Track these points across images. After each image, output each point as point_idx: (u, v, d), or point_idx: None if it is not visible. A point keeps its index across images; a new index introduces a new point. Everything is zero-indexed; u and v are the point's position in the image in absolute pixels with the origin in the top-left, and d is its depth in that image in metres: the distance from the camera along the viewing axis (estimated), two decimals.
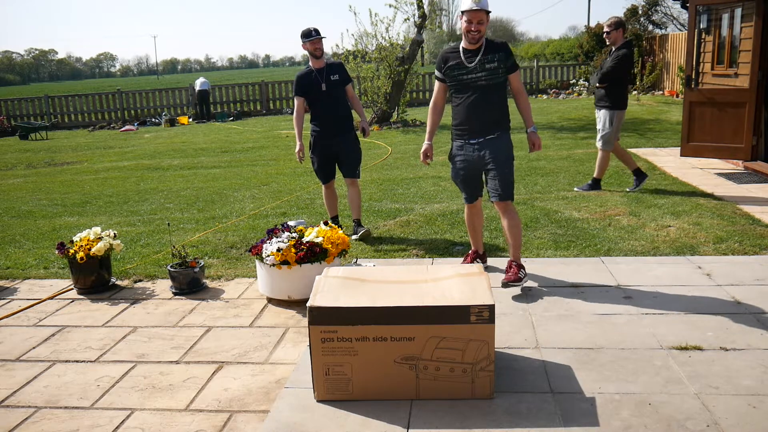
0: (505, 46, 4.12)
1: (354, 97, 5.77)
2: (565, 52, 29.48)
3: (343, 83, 5.56)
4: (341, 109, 5.54)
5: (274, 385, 3.20)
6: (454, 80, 4.14)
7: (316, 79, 5.45)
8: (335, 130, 5.50)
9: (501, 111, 4.15)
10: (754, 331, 3.45)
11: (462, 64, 4.08)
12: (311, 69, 5.49)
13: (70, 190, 9.19)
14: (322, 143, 5.53)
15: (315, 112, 5.55)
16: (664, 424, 2.66)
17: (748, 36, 7.65)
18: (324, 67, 5.49)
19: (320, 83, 5.43)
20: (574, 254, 4.90)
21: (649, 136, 10.75)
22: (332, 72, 5.49)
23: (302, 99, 5.53)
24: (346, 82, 5.60)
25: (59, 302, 4.52)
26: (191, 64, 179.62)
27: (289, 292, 4.21)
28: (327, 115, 5.48)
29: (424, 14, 14.54)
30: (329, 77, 5.45)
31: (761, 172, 7.37)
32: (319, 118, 5.51)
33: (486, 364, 2.86)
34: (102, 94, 22.63)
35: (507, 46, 4.14)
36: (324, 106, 5.48)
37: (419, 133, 13.14)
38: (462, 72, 4.09)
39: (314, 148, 5.59)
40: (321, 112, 5.50)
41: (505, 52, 4.06)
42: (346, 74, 5.62)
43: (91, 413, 3.02)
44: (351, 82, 5.68)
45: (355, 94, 5.84)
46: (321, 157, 5.58)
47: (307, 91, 5.50)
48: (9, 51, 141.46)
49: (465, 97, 4.13)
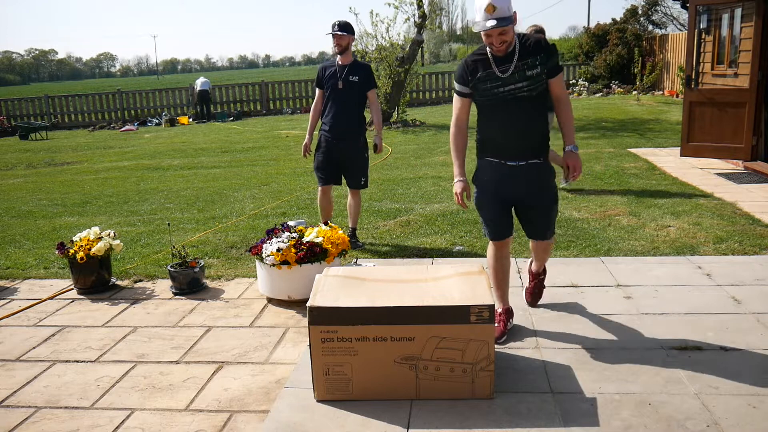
0: (544, 44, 3.22)
1: (375, 106, 5.45)
2: (565, 52, 29.40)
3: (365, 87, 5.23)
4: (353, 113, 5.24)
5: (274, 385, 3.20)
6: (486, 95, 3.26)
7: (334, 74, 5.20)
8: (342, 134, 5.22)
9: (545, 128, 3.39)
10: (754, 331, 3.45)
11: (494, 75, 3.21)
12: (334, 63, 5.27)
13: (70, 190, 9.19)
14: (327, 144, 5.29)
15: (327, 109, 5.30)
16: (664, 424, 2.66)
17: (748, 36, 7.65)
18: (348, 64, 5.21)
19: (338, 80, 5.17)
20: (574, 254, 4.90)
21: (649, 136, 10.75)
22: (354, 72, 5.19)
23: (320, 92, 5.31)
24: (369, 87, 5.26)
25: (59, 302, 4.52)
26: (191, 64, 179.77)
27: (289, 292, 4.21)
28: (337, 115, 5.21)
29: (424, 14, 14.54)
30: (349, 76, 5.16)
31: (761, 172, 7.37)
32: (329, 116, 5.26)
33: (486, 364, 2.86)
34: (102, 94, 22.63)
35: (546, 42, 3.24)
36: (336, 105, 5.22)
37: (419, 133, 13.13)
38: (496, 84, 3.21)
39: (318, 146, 5.37)
40: (332, 110, 5.24)
41: (546, 53, 3.20)
42: (371, 78, 5.28)
43: (91, 413, 3.02)
44: (375, 88, 5.32)
45: (378, 104, 5.51)
46: (323, 157, 5.33)
47: (324, 85, 5.27)
48: (9, 51, 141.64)
49: (500, 112, 3.28)
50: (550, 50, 3.22)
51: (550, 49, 3.22)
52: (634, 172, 7.79)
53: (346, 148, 5.25)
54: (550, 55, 3.21)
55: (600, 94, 19.40)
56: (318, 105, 5.35)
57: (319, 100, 5.34)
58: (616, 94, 18.99)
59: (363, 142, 5.33)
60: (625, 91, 19.07)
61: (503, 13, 3.00)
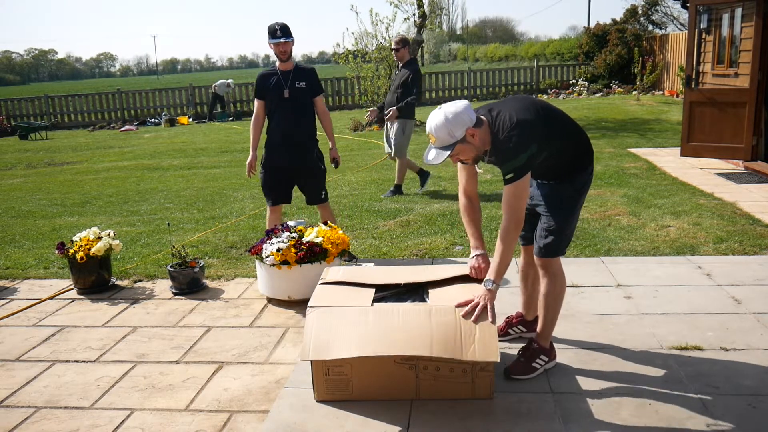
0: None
1: (325, 114, 4.91)
2: (565, 52, 29.42)
3: (312, 93, 4.77)
4: (304, 123, 4.76)
5: (274, 385, 3.20)
6: None
7: (278, 82, 4.69)
8: (293, 147, 4.73)
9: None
10: (754, 331, 3.45)
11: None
12: (275, 70, 4.74)
13: (70, 190, 9.19)
14: (275, 159, 4.77)
15: (273, 121, 4.77)
16: (664, 424, 2.66)
17: (748, 36, 7.65)
18: (291, 70, 4.72)
19: (283, 88, 4.67)
20: (574, 254, 4.90)
21: (650, 136, 10.75)
22: (300, 78, 4.71)
23: (262, 103, 4.80)
24: (316, 92, 4.80)
25: (59, 302, 4.52)
26: (191, 64, 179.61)
27: (289, 292, 4.21)
28: (285, 126, 4.71)
29: (424, 14, 14.54)
30: (294, 83, 4.69)
31: (761, 172, 7.36)
32: (276, 128, 4.75)
33: (486, 364, 2.85)
34: (102, 94, 22.62)
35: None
36: (284, 115, 4.71)
37: (419, 132, 13.12)
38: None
39: (265, 162, 4.82)
40: (279, 122, 4.72)
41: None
42: (318, 83, 4.83)
43: (91, 413, 3.02)
44: (322, 94, 4.87)
45: (327, 110, 4.96)
46: (271, 174, 4.81)
47: (267, 95, 4.76)
48: (9, 51, 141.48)
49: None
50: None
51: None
52: (634, 172, 7.79)
53: (299, 161, 4.78)
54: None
55: (600, 94, 19.39)
56: (260, 118, 4.86)
57: (261, 112, 4.84)
58: (616, 94, 18.99)
59: (318, 152, 4.88)
60: (625, 91, 19.07)
61: (443, 142, 2.80)
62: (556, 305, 3.13)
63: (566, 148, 2.99)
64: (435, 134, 2.79)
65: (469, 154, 2.88)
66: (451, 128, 2.76)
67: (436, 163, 2.81)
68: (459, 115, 2.76)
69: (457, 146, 2.80)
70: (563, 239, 3.06)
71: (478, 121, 2.83)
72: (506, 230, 2.84)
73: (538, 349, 3.13)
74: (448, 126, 2.76)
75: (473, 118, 2.80)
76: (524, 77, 21.82)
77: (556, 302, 3.13)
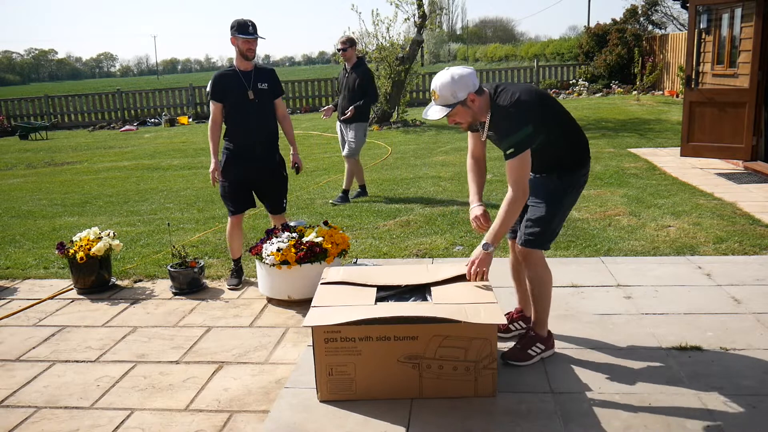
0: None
1: (285, 117, 4.68)
2: (565, 52, 29.42)
3: (274, 95, 4.55)
4: (269, 127, 4.53)
5: (274, 385, 3.20)
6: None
7: (240, 84, 4.41)
8: (258, 152, 4.49)
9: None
10: (754, 331, 3.45)
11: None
12: (235, 70, 4.45)
13: (70, 190, 9.19)
14: (238, 165, 4.50)
15: (234, 126, 4.49)
16: (664, 424, 2.66)
17: (748, 36, 7.65)
18: (253, 70, 4.47)
19: (246, 90, 4.40)
20: (574, 254, 4.90)
21: (650, 136, 10.75)
22: (262, 78, 4.47)
23: (220, 106, 4.46)
24: (277, 94, 4.58)
25: (59, 302, 4.52)
26: (191, 64, 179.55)
27: (289, 292, 4.21)
28: (249, 130, 4.46)
29: (425, 14, 14.54)
30: (257, 84, 4.44)
31: (761, 172, 7.37)
32: (239, 133, 4.48)
33: (489, 361, 2.86)
34: (102, 94, 22.60)
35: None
36: (247, 118, 4.44)
37: (419, 133, 13.13)
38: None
39: (226, 169, 4.52)
40: (243, 126, 4.46)
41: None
42: (279, 85, 4.61)
43: (91, 413, 3.02)
44: (283, 96, 4.66)
45: (287, 113, 4.76)
46: (234, 182, 4.53)
47: (227, 97, 4.44)
48: (9, 51, 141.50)
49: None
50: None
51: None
52: (634, 172, 7.79)
53: (264, 168, 4.54)
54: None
55: (600, 94, 19.39)
56: (219, 122, 4.51)
57: (218, 116, 4.49)
58: (616, 94, 18.99)
59: (280, 158, 4.64)
60: (625, 91, 19.07)
61: (445, 100, 2.92)
62: (544, 292, 3.20)
63: (561, 142, 3.09)
64: (439, 92, 2.92)
65: (465, 117, 3.01)
66: (455, 88, 2.89)
67: (435, 118, 2.94)
68: (464, 78, 2.90)
69: (457, 107, 2.92)
70: (547, 231, 3.13)
71: (480, 89, 2.96)
72: (513, 199, 2.94)
73: (534, 337, 3.21)
74: (453, 86, 2.89)
75: (477, 84, 2.94)
76: (524, 77, 21.81)
77: (543, 288, 3.20)
